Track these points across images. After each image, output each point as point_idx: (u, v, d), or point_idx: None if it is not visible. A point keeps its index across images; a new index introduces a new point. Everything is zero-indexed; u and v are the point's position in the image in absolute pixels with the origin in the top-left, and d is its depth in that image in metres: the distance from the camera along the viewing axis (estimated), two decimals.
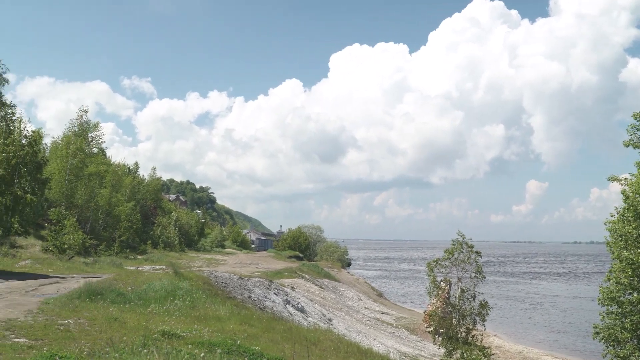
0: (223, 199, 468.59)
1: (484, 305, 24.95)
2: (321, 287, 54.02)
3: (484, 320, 25.15)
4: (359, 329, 36.76)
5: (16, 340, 9.50)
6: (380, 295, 68.19)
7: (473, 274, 25.44)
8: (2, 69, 58.50)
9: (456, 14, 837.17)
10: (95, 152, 64.26)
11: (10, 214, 41.84)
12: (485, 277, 25.98)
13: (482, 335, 25.81)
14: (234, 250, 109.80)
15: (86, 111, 62.02)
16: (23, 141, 45.70)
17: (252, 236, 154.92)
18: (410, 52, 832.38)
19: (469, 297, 25.32)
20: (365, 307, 52.47)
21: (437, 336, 27.50)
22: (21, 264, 33.19)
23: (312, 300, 42.14)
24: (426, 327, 41.88)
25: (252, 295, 30.84)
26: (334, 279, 66.85)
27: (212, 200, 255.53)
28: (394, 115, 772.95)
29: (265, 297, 32.30)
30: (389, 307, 57.23)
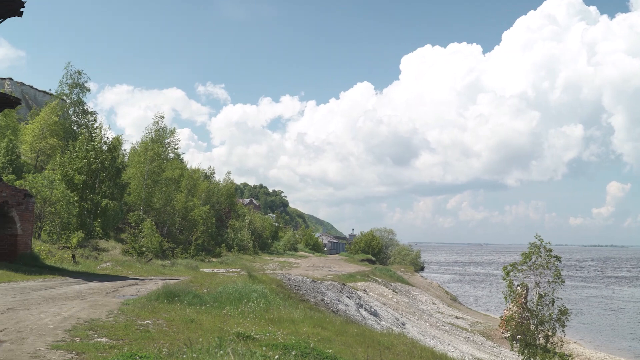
0: (295, 203, 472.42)
1: (563, 311, 24.24)
2: (394, 291, 53.65)
3: (564, 327, 24.43)
4: (432, 333, 36.32)
5: (99, 339, 9.83)
6: (454, 299, 67.16)
7: (551, 279, 24.76)
8: (84, 78, 61.03)
9: (531, 12, 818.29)
10: (171, 157, 65.93)
11: (92, 217, 43.48)
12: (564, 282, 25.24)
13: (561, 342, 25.07)
14: (306, 254, 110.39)
15: (162, 117, 63.71)
16: (103, 147, 47.45)
17: (325, 239, 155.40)
18: (484, 52, 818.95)
19: (548, 302, 24.65)
20: (439, 312, 51.80)
21: (514, 342, 26.87)
22: (102, 266, 34.33)
23: (385, 304, 41.90)
24: (502, 333, 40.98)
25: (325, 298, 30.92)
26: (406, 283, 66.30)
27: (285, 204, 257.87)
28: (468, 116, 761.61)
29: (338, 301, 32.33)
30: (463, 312, 56.28)
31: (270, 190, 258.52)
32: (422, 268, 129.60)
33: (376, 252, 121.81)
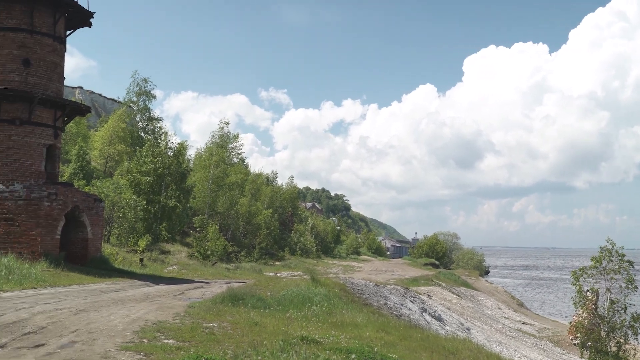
0: (358, 206, 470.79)
1: (636, 318, 23.39)
2: (458, 296, 52.90)
3: (637, 334, 23.55)
4: (498, 339, 35.61)
5: (166, 341, 10.01)
6: (520, 304, 65.68)
7: (624, 284, 23.91)
8: (151, 86, 62.54)
9: (600, 9, 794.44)
10: (235, 162, 66.81)
11: (159, 221, 44.48)
12: (637, 288, 24.33)
13: (635, 350, 24.17)
14: (369, 257, 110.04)
15: (227, 123, 64.67)
16: (169, 153, 48.52)
17: (387, 243, 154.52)
18: (550, 51, 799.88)
19: (620, 308, 23.83)
20: (505, 317, 50.76)
21: (584, 349, 26.05)
22: (169, 269, 35.03)
23: (449, 309, 41.34)
24: (572, 340, 39.82)
25: (388, 302, 30.71)
26: (471, 287, 65.26)
27: (347, 208, 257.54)
28: (534, 117, 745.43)
29: (402, 305, 32.06)
30: (530, 317, 54.98)
31: (332, 194, 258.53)
32: (486, 272, 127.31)
33: (440, 256, 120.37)
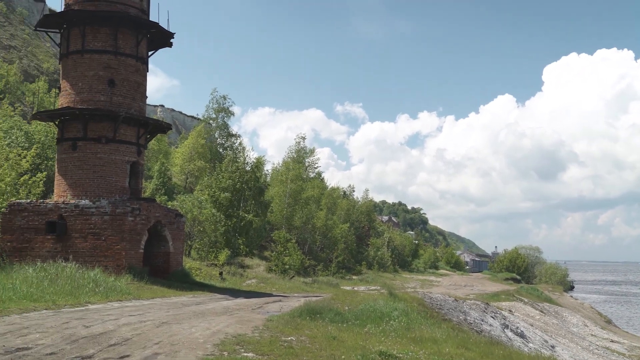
0: (435, 220, 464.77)
1: None
2: (541, 312, 51.30)
3: None
4: (585, 357, 34.30)
5: (245, 354, 10.11)
6: (608, 321, 63.03)
7: None
8: (229, 102, 63.92)
9: None
10: (312, 176, 67.25)
11: (237, 235, 45.20)
12: None
13: None
14: (447, 272, 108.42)
15: (303, 138, 65.35)
16: (247, 168, 49.34)
17: (466, 257, 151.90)
18: (636, 57, 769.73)
19: None
20: (591, 334, 48.84)
21: None
22: (248, 283, 35.47)
23: (532, 325, 40.15)
24: None
25: (468, 318, 30.12)
26: (555, 303, 63.16)
27: (424, 221, 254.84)
28: (619, 126, 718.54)
29: (482, 321, 31.38)
30: (619, 335, 52.70)
31: (409, 207, 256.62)
32: (571, 288, 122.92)
33: (521, 271, 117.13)
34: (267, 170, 62.72)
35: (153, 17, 28.56)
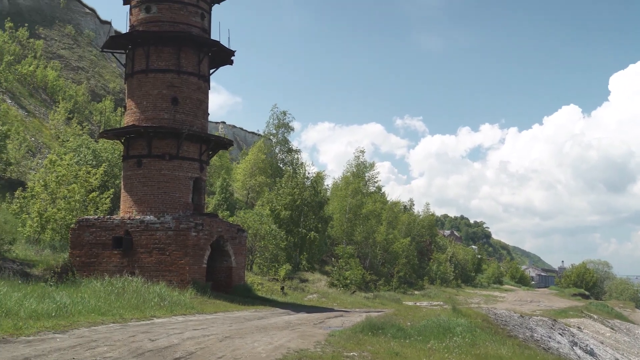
0: (499, 234, 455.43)
1: None
2: (612, 329, 49.56)
3: None
4: None
5: None
6: None
7: None
8: (289, 118, 64.58)
9: None
10: (372, 190, 67.01)
11: (299, 250, 45.39)
12: None
13: None
14: (512, 287, 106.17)
15: (362, 152, 65.20)
16: (307, 183, 49.57)
17: (531, 272, 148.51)
18: None
19: None
20: None
21: None
22: (309, 298, 35.51)
23: (602, 343, 38.83)
24: None
25: (535, 334, 29.34)
26: (626, 320, 60.94)
27: (487, 235, 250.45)
28: None
29: (549, 338, 30.52)
30: None
31: (471, 221, 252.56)
32: None
33: (589, 287, 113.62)
34: (327, 185, 62.90)
35: (214, 36, 29.12)
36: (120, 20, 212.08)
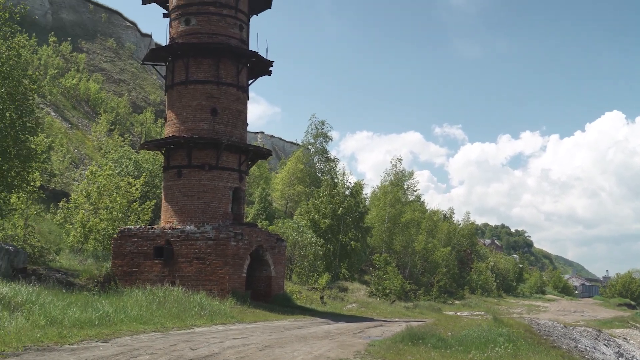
0: (541, 242, 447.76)
1: None
2: None
3: None
4: None
5: None
6: None
7: None
8: (327, 128, 64.71)
9: None
10: (411, 199, 66.66)
11: (338, 260, 45.33)
12: None
13: None
14: (555, 297, 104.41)
15: (399, 160, 64.95)
16: (346, 192, 49.55)
17: (575, 282, 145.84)
18: None
19: None
20: None
21: None
22: (348, 307, 35.41)
23: None
24: None
25: (579, 345, 28.72)
26: None
27: (529, 244, 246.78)
28: None
29: (594, 349, 29.84)
30: None
31: (512, 230, 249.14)
32: None
33: (635, 296, 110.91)
34: (365, 194, 62.78)
35: (252, 47, 29.37)
36: (161, 33, 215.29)
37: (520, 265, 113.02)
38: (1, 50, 21.90)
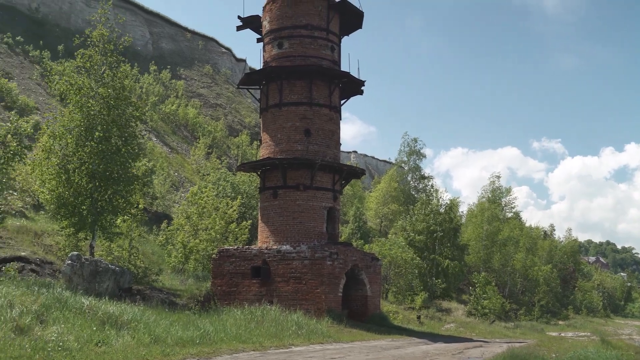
0: None
1: None
2: None
3: None
4: None
5: None
6: None
7: None
8: (420, 145, 64.24)
9: None
10: (509, 216, 64.94)
11: (434, 278, 44.62)
12: None
13: None
14: None
15: (498, 177, 63.50)
16: (441, 210, 48.83)
17: None
18: None
19: None
20: None
21: None
22: (446, 327, 34.75)
23: None
24: None
25: None
26: None
27: (638, 262, 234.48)
28: None
29: None
30: None
31: (618, 246, 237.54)
32: None
33: None
34: (461, 212, 61.62)
35: (344, 67, 29.61)
36: (255, 57, 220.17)
37: (629, 284, 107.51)
38: (107, 80, 23.08)
